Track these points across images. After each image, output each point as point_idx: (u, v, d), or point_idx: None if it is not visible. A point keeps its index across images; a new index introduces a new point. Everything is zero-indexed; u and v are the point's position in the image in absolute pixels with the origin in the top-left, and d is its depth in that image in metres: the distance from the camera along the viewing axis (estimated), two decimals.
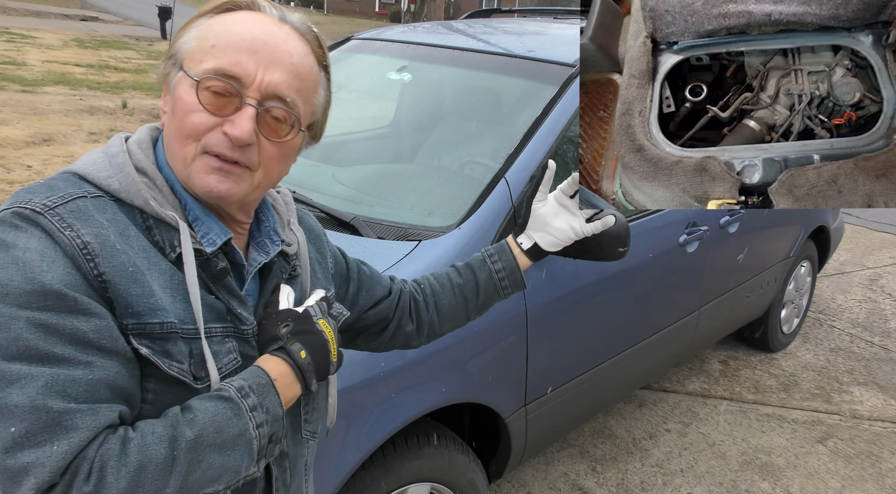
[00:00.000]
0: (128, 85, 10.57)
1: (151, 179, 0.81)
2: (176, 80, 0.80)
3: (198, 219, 0.83)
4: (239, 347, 0.84)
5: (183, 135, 0.79)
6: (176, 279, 0.79)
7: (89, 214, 0.74)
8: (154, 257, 0.78)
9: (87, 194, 0.77)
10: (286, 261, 0.94)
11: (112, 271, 0.72)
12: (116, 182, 0.79)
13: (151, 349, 0.75)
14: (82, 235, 0.72)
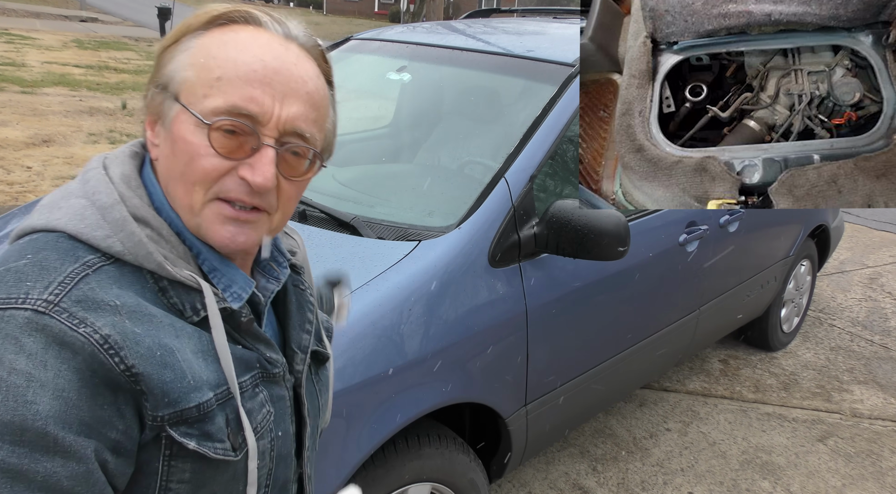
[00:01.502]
0: (127, 86, 10.57)
1: (156, 230, 0.70)
2: (172, 114, 0.69)
3: (215, 270, 0.74)
4: (269, 392, 0.78)
5: (190, 181, 0.69)
6: (203, 341, 0.71)
7: (97, 298, 0.64)
8: (178, 324, 0.69)
9: (87, 270, 0.65)
10: (296, 272, 0.87)
11: (141, 361, 0.64)
12: (119, 244, 0.67)
13: (193, 436, 0.68)
14: (99, 329, 0.62)
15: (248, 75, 0.68)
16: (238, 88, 0.67)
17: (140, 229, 0.69)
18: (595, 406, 2.65)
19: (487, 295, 1.85)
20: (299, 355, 0.83)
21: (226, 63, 0.68)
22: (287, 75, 0.69)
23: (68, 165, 6.09)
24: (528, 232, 1.93)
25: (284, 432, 0.81)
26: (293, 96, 0.69)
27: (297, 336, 0.84)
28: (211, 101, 0.67)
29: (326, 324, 0.98)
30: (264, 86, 0.68)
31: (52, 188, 5.29)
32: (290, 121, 0.69)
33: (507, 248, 1.91)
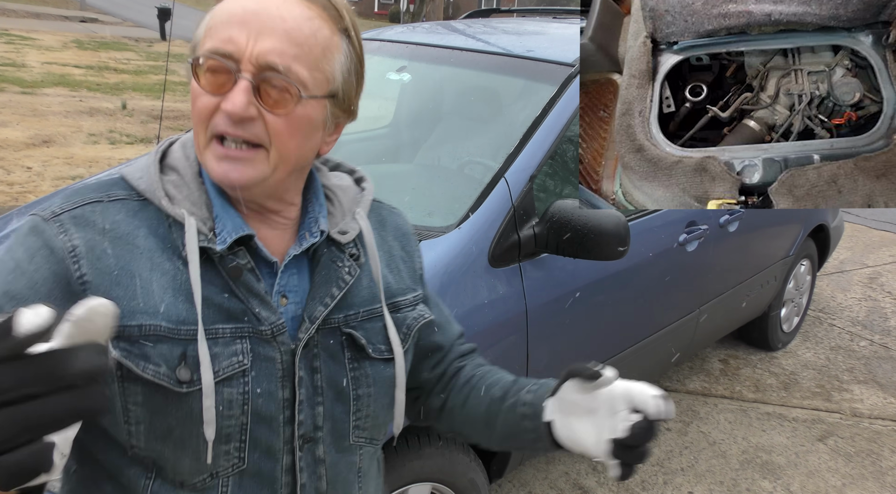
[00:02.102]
0: (127, 86, 10.57)
1: (181, 176, 0.82)
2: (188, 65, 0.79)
3: (218, 215, 0.80)
4: (252, 347, 0.80)
5: (195, 123, 0.78)
6: (181, 279, 0.77)
7: (90, 219, 0.77)
8: (159, 258, 0.77)
9: (104, 197, 0.79)
10: (339, 250, 0.88)
11: (94, 273, 0.74)
12: (143, 183, 0.81)
13: (127, 351, 0.74)
14: (73, 239, 0.75)
15: (229, 19, 0.75)
16: (220, 32, 0.75)
17: (164, 175, 0.81)
18: None
19: (487, 295, 1.86)
20: (305, 323, 0.84)
21: (218, 14, 0.76)
22: (265, 15, 0.74)
23: (68, 166, 6.09)
24: (528, 232, 1.93)
25: (267, 392, 0.81)
26: (268, 33, 0.74)
27: (312, 306, 0.84)
28: (203, 47, 0.75)
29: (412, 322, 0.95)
30: (241, 26, 0.74)
31: (52, 189, 5.29)
32: (263, 55, 0.73)
33: (506, 248, 1.91)
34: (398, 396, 0.92)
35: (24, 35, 15.18)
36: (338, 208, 0.91)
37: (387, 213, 1.02)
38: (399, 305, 0.95)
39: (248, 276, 0.80)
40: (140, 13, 23.29)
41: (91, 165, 6.15)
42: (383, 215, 1.01)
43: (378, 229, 0.97)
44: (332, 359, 0.86)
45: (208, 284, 0.78)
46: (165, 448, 0.77)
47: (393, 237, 0.99)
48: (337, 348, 0.87)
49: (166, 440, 0.77)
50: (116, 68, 12.27)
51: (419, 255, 1.03)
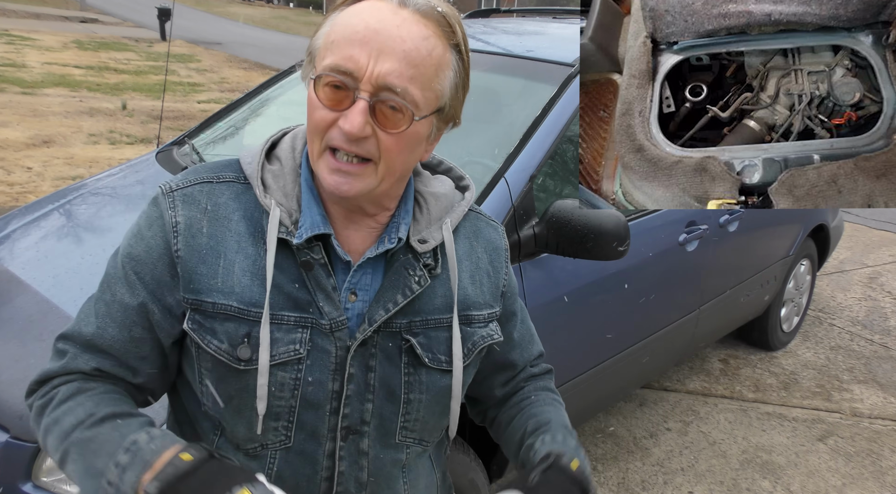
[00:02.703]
0: (127, 86, 10.57)
1: (282, 167, 0.88)
2: (309, 78, 0.82)
3: (304, 210, 0.86)
4: (312, 338, 0.86)
5: (311, 132, 0.82)
6: (260, 264, 0.84)
7: (197, 198, 0.86)
8: (246, 242, 0.85)
9: (215, 178, 0.88)
10: (415, 258, 0.90)
11: (186, 249, 0.84)
12: (249, 168, 0.88)
13: (199, 324, 0.84)
14: (178, 215, 0.85)
15: (352, 36, 0.77)
16: (342, 49, 0.77)
17: (268, 164, 0.89)
18: (595, 406, 2.65)
19: None
20: (364, 324, 0.87)
21: (340, 28, 0.79)
22: (385, 35, 0.76)
23: (68, 166, 6.09)
24: (527, 232, 1.93)
25: (317, 381, 0.86)
26: (388, 54, 0.76)
27: (374, 309, 0.88)
28: (325, 61, 0.78)
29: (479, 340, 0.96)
30: (363, 45, 0.76)
31: (52, 189, 5.29)
32: (382, 76, 0.76)
33: None
34: (453, 406, 0.95)
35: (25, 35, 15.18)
36: (425, 216, 0.93)
37: (484, 225, 1.02)
38: (472, 318, 0.96)
39: (318, 270, 0.86)
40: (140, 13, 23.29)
41: (91, 166, 6.15)
42: (479, 227, 1.01)
43: (470, 238, 0.99)
44: (389, 361, 0.90)
45: (282, 272, 0.85)
46: (226, 412, 0.86)
47: (483, 250, 1.00)
48: (395, 351, 0.90)
49: (227, 405, 0.86)
50: (116, 69, 12.27)
51: (507, 272, 1.03)
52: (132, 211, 2.29)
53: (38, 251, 2.09)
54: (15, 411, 1.54)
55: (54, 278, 1.91)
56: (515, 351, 1.08)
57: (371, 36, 0.76)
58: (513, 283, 1.05)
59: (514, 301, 1.06)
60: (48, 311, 1.78)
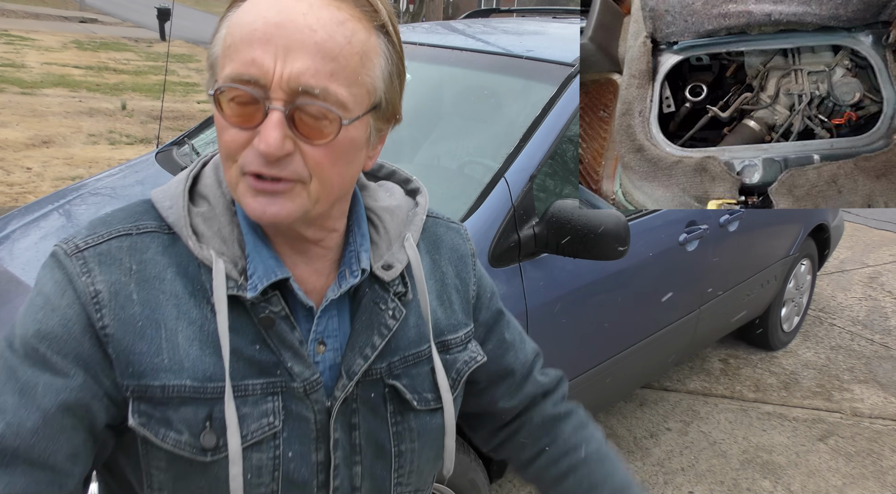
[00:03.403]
0: (127, 87, 10.57)
1: (212, 207, 0.73)
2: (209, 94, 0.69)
3: (250, 254, 0.71)
4: (284, 404, 0.72)
5: (223, 157, 0.68)
6: (208, 329, 0.69)
7: (116, 257, 0.69)
8: (187, 305, 0.69)
9: (133, 230, 0.71)
10: (383, 288, 0.78)
11: (117, 324, 0.67)
12: (172, 215, 0.72)
13: (148, 415, 0.67)
14: (96, 282, 0.67)
15: (249, 36, 0.63)
16: (241, 53, 0.63)
17: (194, 205, 0.73)
18: (595, 406, 2.65)
19: None
20: (343, 379, 0.75)
21: (235, 29, 0.64)
22: (291, 27, 0.62)
23: (68, 166, 6.09)
24: (527, 232, 1.93)
25: (298, 456, 0.73)
26: (297, 49, 0.62)
27: (350, 359, 0.75)
28: (224, 71, 0.65)
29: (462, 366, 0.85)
30: (264, 44, 0.62)
31: (51, 189, 5.29)
32: (295, 77, 0.62)
33: (507, 248, 1.91)
34: (448, 444, 0.84)
35: (24, 35, 15.18)
36: (383, 236, 0.80)
37: (443, 230, 0.90)
38: (449, 344, 0.85)
39: (281, 325, 0.71)
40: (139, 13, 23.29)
41: (91, 166, 6.15)
42: (439, 234, 0.89)
43: (431, 251, 0.87)
44: (373, 414, 0.78)
45: (238, 334, 0.70)
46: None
47: (447, 261, 0.88)
48: (378, 401, 0.78)
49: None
50: (116, 69, 12.26)
51: (476, 279, 0.91)
52: None
53: (37, 252, 2.08)
54: None
55: None
56: (510, 354, 0.95)
57: (273, 31, 0.62)
58: (485, 285, 0.93)
59: (494, 302, 0.94)
60: None
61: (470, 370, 0.86)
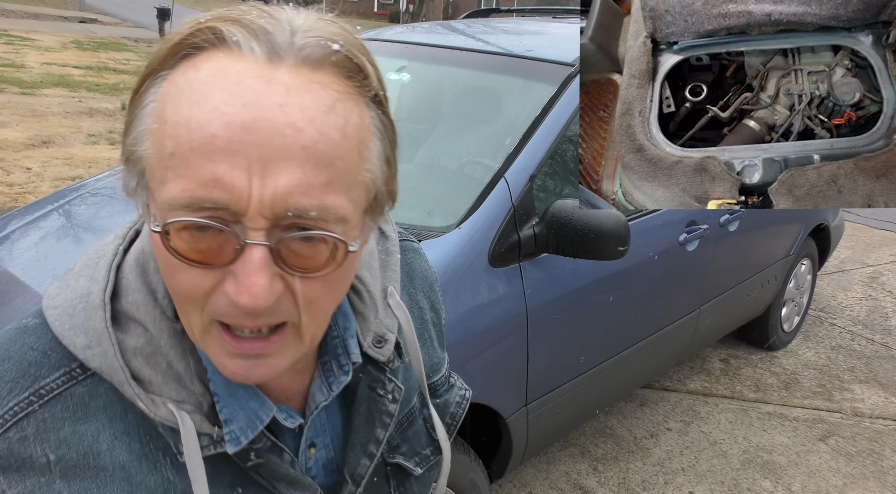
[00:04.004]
0: (127, 87, 10.57)
1: (151, 339, 0.55)
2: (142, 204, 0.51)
3: (218, 396, 0.56)
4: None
5: (179, 301, 0.51)
6: (181, 488, 0.56)
7: (22, 455, 0.52)
8: (139, 473, 0.54)
9: (34, 401, 0.53)
10: (378, 370, 0.65)
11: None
12: (96, 360, 0.53)
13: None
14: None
15: (207, 144, 0.44)
16: (195, 168, 0.45)
17: (124, 337, 0.54)
18: (595, 406, 2.65)
19: (487, 295, 1.85)
20: (349, 485, 0.65)
21: (177, 128, 0.45)
22: (267, 130, 0.44)
23: (68, 167, 6.09)
24: (527, 232, 1.93)
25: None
26: (280, 160, 0.45)
27: (354, 460, 0.65)
28: (167, 189, 0.46)
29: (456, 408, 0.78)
30: (231, 157, 0.44)
31: (51, 189, 5.29)
32: (281, 199, 0.45)
33: (507, 248, 1.91)
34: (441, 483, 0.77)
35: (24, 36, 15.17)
36: (368, 303, 0.65)
37: (412, 256, 0.78)
38: (436, 386, 0.77)
39: (270, 459, 0.58)
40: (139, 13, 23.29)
41: (91, 166, 6.15)
42: (409, 263, 0.77)
43: (406, 286, 0.75)
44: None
45: (215, 486, 0.57)
46: None
47: (422, 294, 0.77)
48: (382, 483, 0.69)
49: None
50: (116, 69, 12.26)
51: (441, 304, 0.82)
52: (131, 212, 2.28)
53: (37, 252, 2.08)
54: None
55: (54, 279, 1.90)
56: None
57: (242, 137, 0.44)
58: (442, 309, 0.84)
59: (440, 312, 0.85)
60: None
61: (465, 411, 0.79)
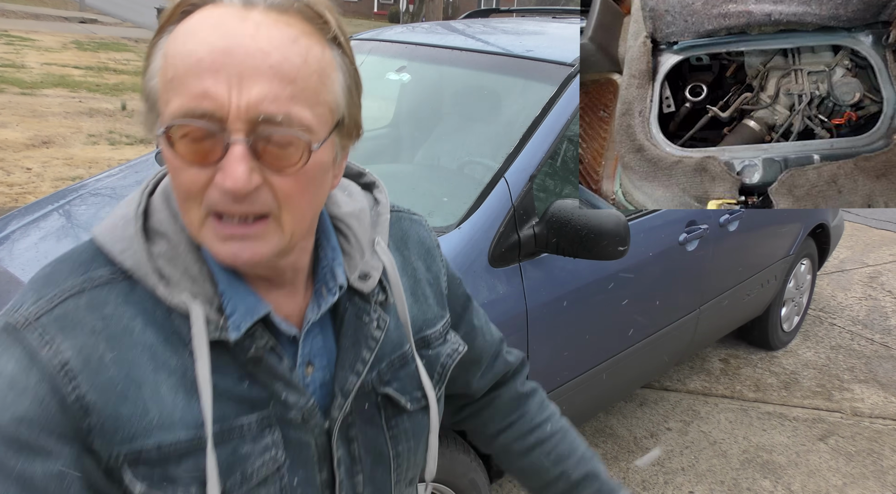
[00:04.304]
0: (127, 87, 10.57)
1: (173, 246, 0.68)
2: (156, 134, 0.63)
3: (224, 293, 0.68)
4: (285, 435, 0.71)
5: (181, 199, 0.64)
6: (192, 375, 0.66)
7: (77, 319, 0.64)
8: (164, 354, 0.66)
9: (86, 285, 0.66)
10: (363, 300, 0.77)
11: (95, 391, 0.62)
12: (129, 259, 0.67)
13: (150, 478, 0.64)
14: (63, 351, 0.62)
15: (195, 66, 0.58)
16: (188, 85, 0.58)
17: (148, 247, 0.67)
18: (595, 406, 2.65)
19: (487, 295, 1.86)
20: (338, 398, 0.74)
21: (175, 59, 0.60)
22: (241, 52, 0.58)
23: (68, 167, 6.09)
24: (527, 232, 1.93)
25: (304, 481, 0.73)
26: (252, 76, 0.58)
27: (343, 377, 0.75)
28: (169, 107, 0.60)
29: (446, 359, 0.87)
30: (215, 73, 0.58)
31: (52, 189, 5.29)
32: (253, 106, 0.58)
33: (507, 248, 1.91)
34: (432, 441, 0.85)
35: (24, 36, 15.18)
36: (354, 245, 0.78)
37: (407, 224, 0.89)
38: (429, 340, 0.86)
39: (269, 358, 0.69)
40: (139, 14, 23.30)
41: (91, 166, 6.15)
42: (404, 229, 0.88)
43: (400, 248, 0.86)
44: (369, 424, 0.79)
45: (222, 374, 0.68)
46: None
47: (417, 256, 0.88)
48: (373, 411, 0.79)
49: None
50: (116, 69, 12.26)
51: (445, 270, 0.92)
52: None
53: (37, 252, 2.09)
54: None
55: None
56: (480, 338, 0.98)
57: (221, 59, 0.58)
58: (453, 274, 0.94)
59: (462, 289, 0.95)
60: None
61: (454, 363, 0.88)
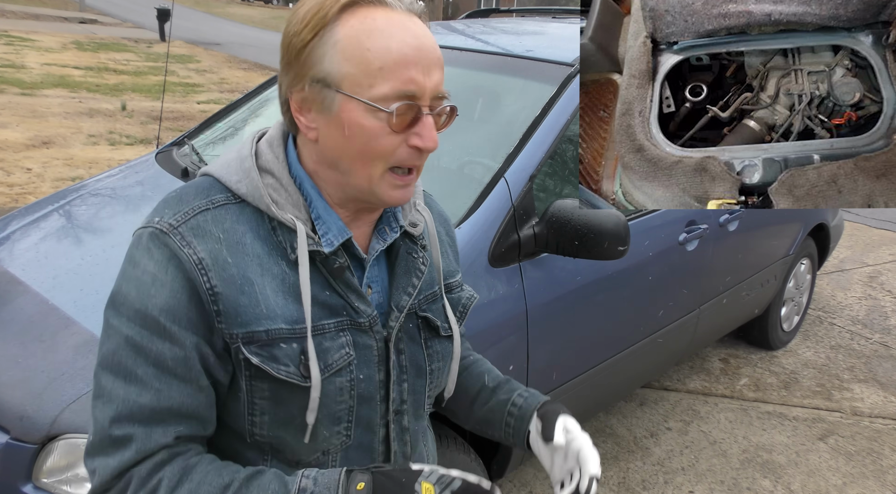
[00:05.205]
0: (127, 87, 10.57)
1: (278, 180, 0.86)
2: (338, 104, 0.81)
3: (320, 218, 0.87)
4: (354, 338, 0.89)
5: (369, 158, 0.82)
6: (289, 281, 0.85)
7: (206, 229, 0.82)
8: (268, 262, 0.84)
9: (210, 205, 0.84)
10: (412, 242, 0.97)
11: (222, 284, 0.81)
12: (244, 187, 0.85)
13: (260, 356, 0.82)
14: (198, 251, 0.80)
15: (403, 60, 0.79)
16: (398, 74, 0.79)
17: (262, 178, 0.86)
18: (595, 406, 2.65)
19: (487, 295, 1.86)
20: (394, 312, 0.93)
21: (381, 53, 0.78)
22: (427, 49, 0.80)
23: (68, 167, 6.09)
24: (527, 232, 1.93)
25: (367, 376, 0.90)
26: (434, 66, 0.81)
27: (397, 296, 0.94)
28: (378, 89, 0.79)
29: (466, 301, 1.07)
30: (416, 66, 0.79)
31: (52, 190, 5.29)
32: (436, 88, 0.81)
33: (506, 248, 1.91)
34: (453, 367, 1.04)
35: (24, 36, 15.17)
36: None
37: (430, 200, 1.11)
38: (452, 286, 1.05)
39: (347, 273, 0.88)
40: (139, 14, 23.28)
41: (91, 167, 6.15)
42: (428, 202, 1.09)
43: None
44: (412, 340, 0.97)
45: (313, 283, 0.85)
46: (287, 433, 0.87)
47: (439, 223, 1.08)
48: (414, 330, 0.97)
49: (288, 426, 0.86)
50: (116, 69, 12.26)
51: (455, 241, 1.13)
52: (132, 212, 2.29)
53: (37, 252, 2.09)
54: (15, 412, 1.54)
55: (54, 280, 1.91)
56: None
57: (418, 54, 0.79)
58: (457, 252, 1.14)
59: None
60: (48, 312, 1.78)
61: (472, 305, 1.07)
